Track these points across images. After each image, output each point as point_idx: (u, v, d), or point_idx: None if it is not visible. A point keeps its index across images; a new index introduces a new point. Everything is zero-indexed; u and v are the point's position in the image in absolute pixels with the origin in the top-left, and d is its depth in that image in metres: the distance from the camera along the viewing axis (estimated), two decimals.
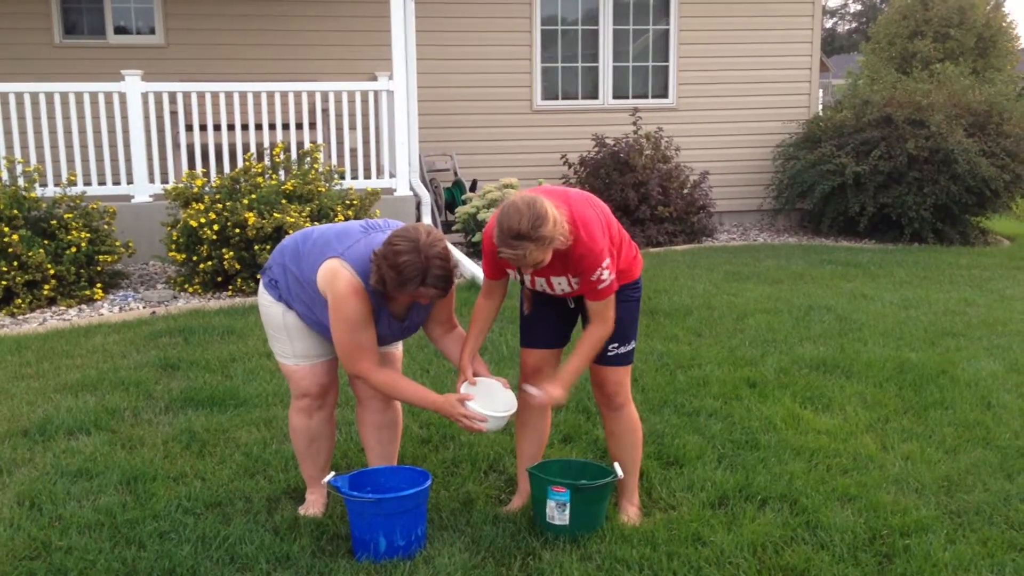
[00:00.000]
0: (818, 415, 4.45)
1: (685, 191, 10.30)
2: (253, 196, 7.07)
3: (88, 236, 6.99)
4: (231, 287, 7.11)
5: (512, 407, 3.20)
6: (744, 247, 9.98)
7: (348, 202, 7.43)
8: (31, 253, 6.59)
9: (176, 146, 8.75)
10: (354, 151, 8.76)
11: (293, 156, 8.03)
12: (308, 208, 7.12)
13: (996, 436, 4.19)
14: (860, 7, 52.47)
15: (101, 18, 9.84)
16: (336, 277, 3.04)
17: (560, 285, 3.17)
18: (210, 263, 6.97)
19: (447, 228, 9.46)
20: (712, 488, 3.59)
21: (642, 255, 3.41)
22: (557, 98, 10.97)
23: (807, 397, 4.69)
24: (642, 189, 9.81)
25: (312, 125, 8.72)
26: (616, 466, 3.30)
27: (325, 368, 3.34)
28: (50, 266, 6.70)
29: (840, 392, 4.77)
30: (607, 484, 3.24)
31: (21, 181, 7.13)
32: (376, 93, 8.61)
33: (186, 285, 7.18)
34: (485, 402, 3.14)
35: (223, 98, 8.19)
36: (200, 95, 8.24)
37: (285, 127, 8.31)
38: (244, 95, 8.25)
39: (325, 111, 8.69)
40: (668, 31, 11.10)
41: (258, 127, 8.25)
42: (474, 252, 8.50)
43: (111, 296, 7.08)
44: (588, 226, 3.00)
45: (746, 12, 11.17)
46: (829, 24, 52.19)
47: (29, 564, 3.02)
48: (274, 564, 3.03)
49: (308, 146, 7.90)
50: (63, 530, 3.24)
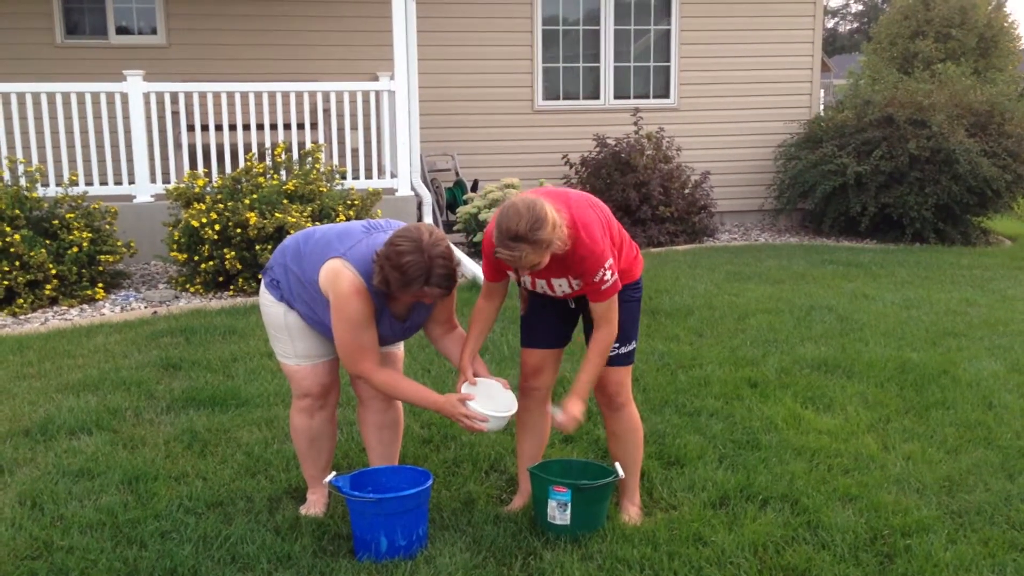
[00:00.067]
0: (819, 415, 4.45)
1: (686, 191, 10.30)
2: (254, 196, 7.08)
3: (90, 236, 7.00)
4: (232, 287, 7.12)
5: (513, 408, 3.20)
6: (745, 247, 9.98)
7: (349, 202, 7.44)
8: (33, 253, 6.60)
9: (178, 146, 8.76)
10: (355, 151, 8.77)
11: (294, 156, 8.04)
12: (309, 208, 7.13)
13: (997, 436, 4.18)
14: (861, 7, 52.46)
15: (103, 18, 9.85)
16: (338, 277, 3.04)
17: (561, 287, 3.17)
18: (211, 263, 6.98)
19: (448, 228, 9.45)
20: (713, 488, 3.59)
21: (643, 255, 3.41)
22: (558, 98, 10.97)
23: (808, 397, 4.69)
24: (643, 189, 9.81)
25: (313, 125, 8.73)
26: (617, 466, 3.31)
27: (327, 368, 3.34)
28: (52, 266, 6.70)
29: (841, 392, 4.77)
30: (608, 484, 3.24)
31: (23, 181, 7.14)
32: (377, 93, 8.61)
33: (187, 285, 7.19)
34: (486, 402, 3.14)
35: (225, 98, 8.20)
36: (202, 95, 8.25)
37: (287, 127, 8.31)
38: (246, 95, 8.25)
39: (326, 111, 8.70)
40: (669, 31, 11.10)
41: (259, 127, 8.26)
42: (475, 252, 8.50)
43: (113, 296, 7.08)
44: (589, 228, 3.00)
45: (747, 12, 11.16)
46: (830, 24, 52.17)
47: (31, 564, 3.03)
48: (275, 564, 3.04)
49: (309, 146, 7.90)
50: (65, 530, 3.25)
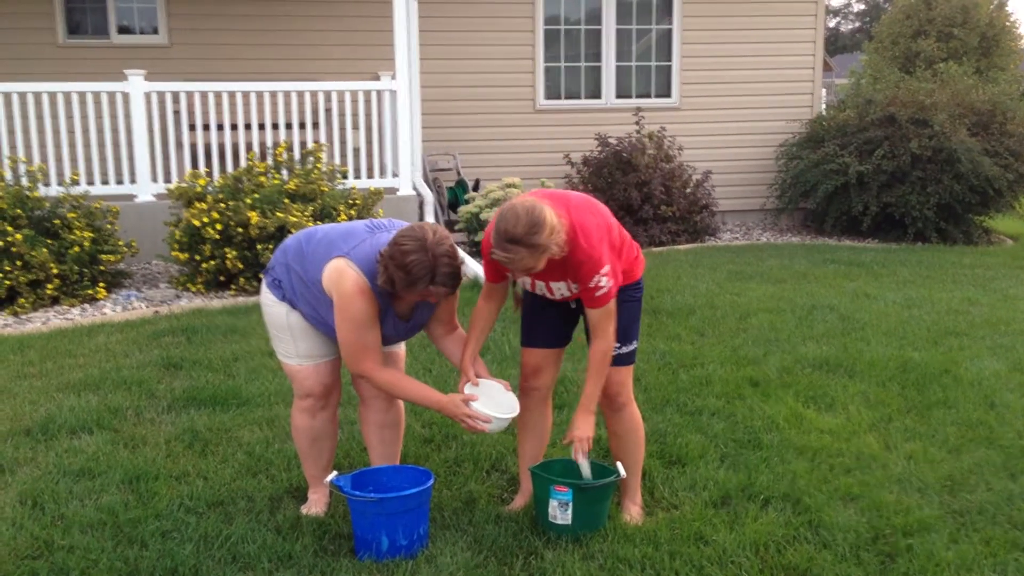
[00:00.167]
0: (821, 414, 4.45)
1: (688, 190, 10.30)
2: (256, 195, 7.08)
3: (91, 235, 7.00)
4: (234, 286, 7.12)
5: (515, 409, 3.20)
6: (747, 246, 9.97)
7: (351, 202, 7.44)
8: (34, 252, 6.60)
9: (179, 145, 8.76)
10: (357, 151, 8.76)
11: (296, 156, 8.03)
12: (311, 208, 7.13)
13: (999, 436, 4.18)
14: (863, 6, 52.46)
15: (104, 18, 9.86)
16: (342, 277, 3.04)
17: (560, 290, 3.17)
18: (213, 262, 6.98)
19: (450, 227, 9.45)
20: (714, 487, 3.58)
21: (645, 255, 3.41)
22: (560, 98, 10.96)
23: (810, 396, 4.68)
24: (645, 188, 9.80)
25: (315, 125, 8.72)
26: (618, 465, 3.31)
27: (329, 368, 3.34)
28: (53, 265, 6.70)
29: (843, 391, 4.76)
30: (609, 483, 3.23)
31: (24, 180, 7.14)
32: (379, 93, 8.60)
33: (189, 284, 7.19)
34: (488, 403, 3.14)
35: (226, 98, 8.20)
36: (203, 95, 8.24)
37: (288, 127, 8.31)
38: (247, 95, 8.25)
39: (328, 111, 8.70)
40: (671, 31, 11.09)
41: (261, 127, 8.26)
42: (477, 252, 8.49)
43: (114, 295, 7.08)
44: (587, 233, 3.00)
45: (749, 12, 11.15)
46: (832, 23, 52.17)
47: (31, 563, 3.02)
48: (276, 563, 3.03)
49: (311, 145, 7.90)
50: (65, 529, 3.25)
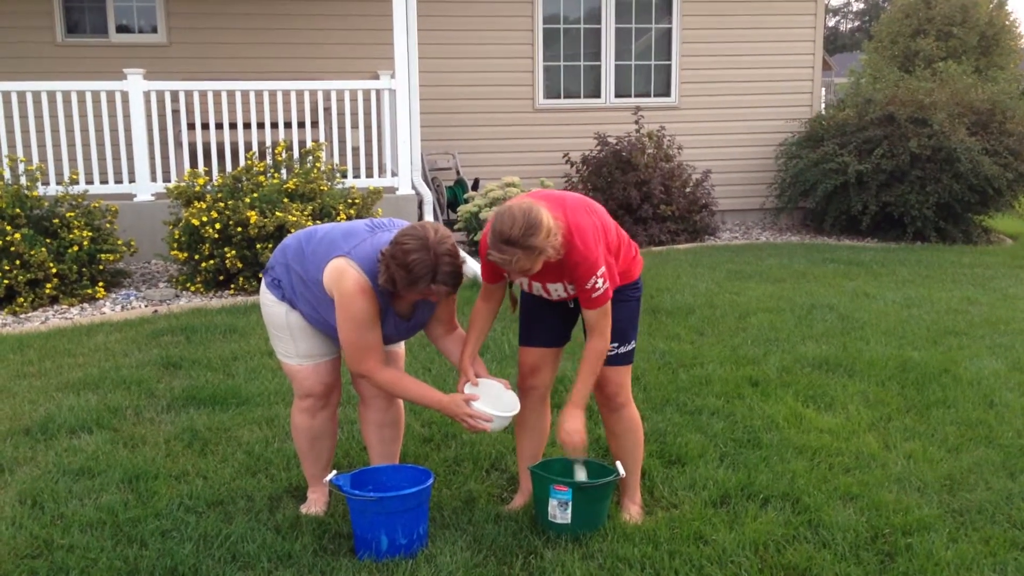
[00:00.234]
0: (820, 414, 4.45)
1: (687, 190, 10.30)
2: (255, 195, 7.08)
3: (90, 235, 7.00)
4: (233, 286, 7.11)
5: (516, 408, 3.20)
6: (746, 246, 9.97)
7: (350, 201, 7.43)
8: (33, 252, 6.60)
9: (178, 145, 8.76)
10: (356, 150, 8.77)
11: (295, 155, 8.03)
12: (310, 207, 7.12)
13: (999, 435, 4.18)
14: (863, 5, 52.47)
15: (103, 17, 9.85)
16: (343, 276, 3.03)
17: (556, 291, 3.17)
18: (212, 262, 6.98)
19: (449, 227, 9.41)
20: (714, 487, 3.58)
21: (644, 254, 3.42)
22: (559, 97, 10.96)
23: (809, 396, 4.68)
24: (644, 188, 9.80)
25: (314, 124, 8.73)
26: (618, 465, 3.31)
27: (329, 367, 3.33)
28: (52, 265, 6.70)
29: (842, 391, 4.76)
30: (609, 483, 3.23)
31: (23, 180, 7.13)
32: (378, 92, 8.60)
33: (188, 284, 7.19)
34: (488, 402, 3.14)
35: (225, 97, 8.20)
36: (202, 94, 8.25)
37: (287, 126, 8.31)
38: (246, 94, 8.25)
39: (327, 110, 8.70)
40: (671, 30, 11.09)
41: (260, 126, 8.25)
42: (476, 251, 8.49)
43: (113, 295, 7.08)
44: (584, 234, 2.99)
45: (749, 11, 11.15)
46: (832, 23, 52.18)
47: (31, 563, 3.02)
48: (276, 563, 3.03)
49: (310, 145, 7.90)
50: (65, 528, 3.24)
